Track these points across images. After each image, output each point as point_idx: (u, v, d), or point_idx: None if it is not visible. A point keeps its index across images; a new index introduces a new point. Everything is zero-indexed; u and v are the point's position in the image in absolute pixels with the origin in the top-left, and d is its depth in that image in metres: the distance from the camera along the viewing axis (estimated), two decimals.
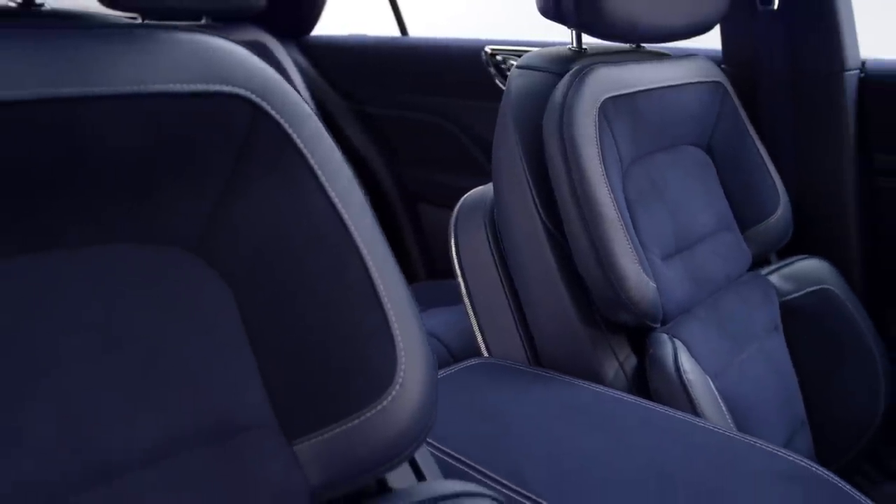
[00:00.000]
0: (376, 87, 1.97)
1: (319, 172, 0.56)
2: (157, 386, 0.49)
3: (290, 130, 0.55)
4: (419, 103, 1.90)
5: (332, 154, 0.58)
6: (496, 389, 0.88)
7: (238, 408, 0.53)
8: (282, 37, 1.99)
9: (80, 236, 0.49)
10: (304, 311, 0.55)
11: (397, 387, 0.56)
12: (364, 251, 0.57)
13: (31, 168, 0.45)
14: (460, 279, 1.06)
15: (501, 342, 1.03)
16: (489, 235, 1.03)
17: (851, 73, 1.28)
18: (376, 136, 2.00)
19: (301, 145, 0.56)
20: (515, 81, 1.02)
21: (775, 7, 1.27)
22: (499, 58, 1.73)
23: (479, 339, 1.05)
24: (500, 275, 1.02)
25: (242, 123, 0.53)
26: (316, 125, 0.58)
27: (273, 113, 0.55)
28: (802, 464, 0.71)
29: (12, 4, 0.52)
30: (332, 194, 0.57)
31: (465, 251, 1.06)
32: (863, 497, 0.69)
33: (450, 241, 1.08)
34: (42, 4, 0.53)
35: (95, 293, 0.48)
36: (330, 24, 2.05)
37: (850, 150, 1.30)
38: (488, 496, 0.58)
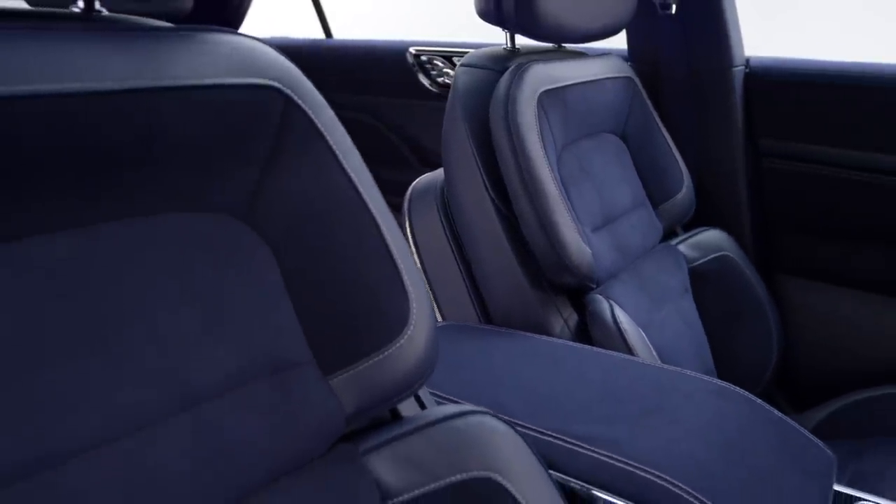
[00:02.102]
0: None
1: (337, 152, 0.67)
2: (224, 329, 0.59)
3: (313, 117, 0.66)
4: (345, 102, 2.00)
5: (344, 138, 0.69)
6: (462, 345, 1.00)
7: (284, 348, 0.63)
8: None
9: (152, 206, 0.58)
10: (333, 268, 0.66)
11: (411, 328, 0.68)
12: (378, 218, 0.68)
13: (115, 149, 0.54)
14: (415, 255, 1.18)
15: (456, 308, 1.15)
16: (441, 215, 1.16)
17: (738, 68, 1.47)
18: None
19: (322, 130, 0.66)
20: (461, 78, 1.15)
21: (673, 12, 1.45)
22: (423, 58, 1.85)
23: (435, 307, 1.17)
24: (452, 249, 1.15)
25: (277, 111, 0.63)
26: (330, 113, 0.69)
27: (300, 102, 0.65)
28: (726, 385, 0.87)
29: (76, 10, 0.61)
30: (349, 171, 0.68)
31: (419, 230, 1.18)
32: (773, 409, 0.86)
33: (404, 223, 1.20)
34: (101, 11, 0.62)
35: (167, 253, 0.58)
36: (254, 28, 2.12)
37: (739, 136, 1.49)
38: (488, 413, 0.70)
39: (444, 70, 1.86)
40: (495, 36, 1.21)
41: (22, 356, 0.48)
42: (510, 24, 1.12)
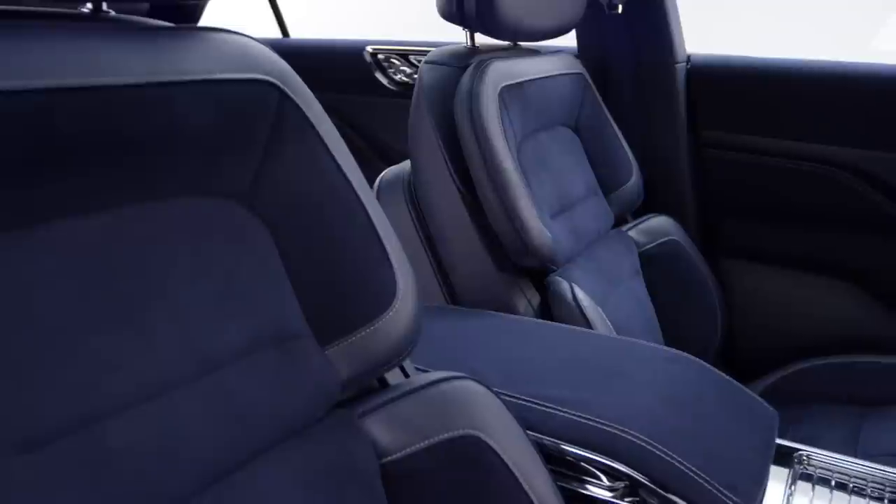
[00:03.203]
0: None
1: (327, 142, 0.73)
2: (233, 303, 0.65)
3: (304, 110, 0.72)
4: None
5: (332, 129, 0.75)
6: (435, 324, 1.07)
7: (285, 321, 0.69)
8: None
9: (168, 191, 0.63)
10: (325, 248, 0.72)
11: (398, 302, 0.74)
12: (364, 201, 0.74)
13: (137, 138, 0.59)
14: None
15: (424, 292, 1.22)
16: (409, 204, 1.23)
17: (680, 65, 1.57)
18: None
19: (313, 121, 0.72)
20: (427, 75, 1.22)
21: (619, 11, 1.54)
22: (381, 56, 1.91)
23: None
24: (420, 235, 1.22)
25: (273, 104, 0.69)
26: (319, 107, 0.75)
27: (293, 96, 0.71)
28: (678, 352, 0.96)
29: (85, 10, 0.66)
30: (338, 159, 0.74)
31: (388, 218, 1.24)
32: (720, 372, 0.94)
33: None
34: (108, 11, 0.66)
35: (182, 234, 0.63)
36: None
37: (682, 128, 1.59)
38: (469, 378, 0.77)
39: (402, 68, 1.93)
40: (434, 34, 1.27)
41: (62, 325, 0.53)
42: (471, 24, 1.19)
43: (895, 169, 1.43)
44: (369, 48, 1.93)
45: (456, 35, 1.29)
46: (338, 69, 1.98)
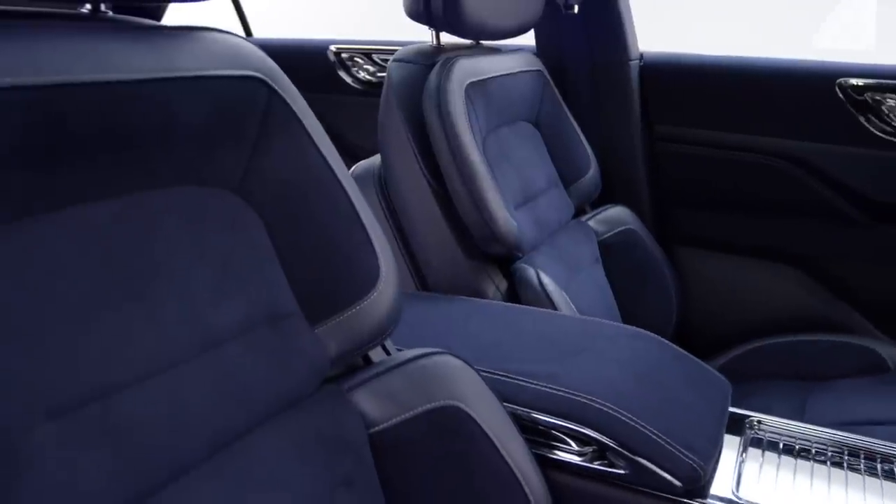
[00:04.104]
0: None
1: (312, 134, 0.78)
2: (231, 284, 0.69)
3: (291, 104, 0.76)
4: None
5: (315, 122, 0.80)
6: (409, 308, 1.12)
7: (278, 301, 0.73)
8: None
9: (168, 180, 0.67)
10: (312, 233, 0.77)
11: (381, 284, 0.79)
12: (347, 189, 0.79)
13: (140, 130, 0.63)
14: None
15: None
16: (379, 196, 1.28)
17: (634, 62, 1.65)
18: None
19: (299, 115, 0.77)
20: (395, 72, 1.27)
21: (575, 11, 1.61)
22: (344, 55, 1.96)
23: None
24: (391, 227, 1.27)
25: (262, 99, 0.73)
26: (303, 102, 0.79)
27: (280, 92, 0.75)
28: (639, 330, 1.03)
29: (84, 11, 0.69)
30: (322, 150, 0.78)
31: None
32: (678, 347, 1.01)
33: None
34: (106, 12, 0.70)
35: (182, 220, 0.67)
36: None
37: (636, 122, 1.66)
38: (448, 353, 0.83)
39: (365, 66, 1.97)
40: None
41: (79, 304, 0.57)
42: (438, 23, 1.25)
43: (836, 160, 1.52)
44: (333, 47, 1.97)
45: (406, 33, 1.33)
46: (302, 68, 2.02)
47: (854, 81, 1.45)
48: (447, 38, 1.35)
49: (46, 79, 0.56)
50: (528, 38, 1.65)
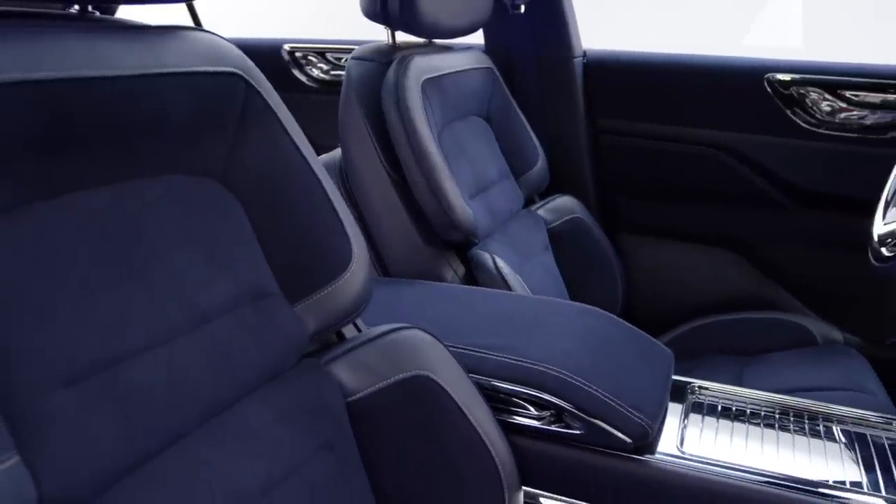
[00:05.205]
0: None
1: (286, 127, 0.83)
2: (218, 265, 0.74)
3: (267, 99, 0.81)
4: None
5: (289, 115, 0.85)
6: (374, 292, 1.18)
7: (260, 281, 0.79)
8: None
9: (158, 169, 0.72)
10: (289, 219, 0.82)
11: (353, 265, 0.85)
12: (321, 178, 0.85)
13: (132, 123, 0.68)
14: None
15: None
16: (341, 188, 1.33)
17: (577, 59, 1.73)
18: None
19: (274, 109, 0.82)
20: (354, 70, 1.33)
21: (522, 11, 1.69)
22: (298, 54, 2.00)
23: None
24: (352, 216, 1.33)
25: (241, 93, 0.79)
26: (277, 96, 0.85)
27: (256, 86, 0.80)
28: (588, 307, 1.11)
29: (73, 11, 0.74)
30: (296, 141, 0.84)
31: None
32: (625, 322, 1.10)
33: None
34: (94, 12, 0.75)
35: (172, 206, 0.72)
36: None
37: (581, 117, 1.75)
38: (416, 327, 0.89)
39: (319, 65, 2.02)
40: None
41: (83, 282, 0.62)
42: (395, 23, 1.31)
43: (766, 150, 1.63)
44: (287, 46, 2.01)
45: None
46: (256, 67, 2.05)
47: (781, 76, 1.56)
48: (402, 36, 1.41)
49: (51, 74, 0.60)
50: (477, 38, 1.73)
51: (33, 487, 0.53)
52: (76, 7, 0.74)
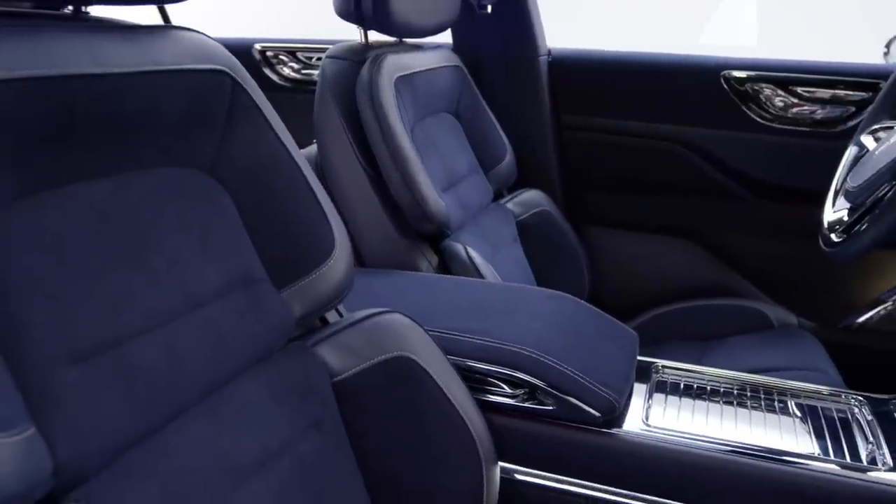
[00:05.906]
0: None
1: (271, 122, 0.87)
2: (210, 252, 0.78)
3: (252, 95, 0.85)
4: None
5: (272, 111, 0.89)
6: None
7: (249, 268, 0.83)
8: None
9: (153, 162, 0.75)
10: (275, 209, 0.86)
11: (336, 252, 0.89)
12: (304, 170, 0.89)
13: (129, 117, 0.71)
14: None
15: None
16: None
17: (543, 57, 1.79)
18: None
19: (259, 105, 0.86)
20: (329, 68, 1.37)
21: (489, 11, 1.74)
22: (269, 53, 2.03)
23: None
24: None
25: (228, 90, 0.82)
26: (261, 93, 0.89)
27: (242, 83, 0.84)
28: (557, 293, 1.17)
29: (67, 12, 0.77)
30: (280, 135, 0.88)
31: None
32: (592, 307, 1.16)
33: None
34: (87, 12, 0.78)
35: (167, 197, 0.76)
36: None
37: (547, 113, 1.81)
38: (397, 312, 0.94)
39: (290, 64, 2.06)
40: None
41: (87, 266, 0.66)
42: (368, 22, 1.35)
43: (724, 144, 1.71)
44: (258, 46, 2.04)
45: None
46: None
47: (736, 73, 1.64)
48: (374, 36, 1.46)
49: (56, 70, 0.64)
50: (445, 37, 1.78)
51: (48, 457, 0.57)
52: (70, 7, 0.77)
